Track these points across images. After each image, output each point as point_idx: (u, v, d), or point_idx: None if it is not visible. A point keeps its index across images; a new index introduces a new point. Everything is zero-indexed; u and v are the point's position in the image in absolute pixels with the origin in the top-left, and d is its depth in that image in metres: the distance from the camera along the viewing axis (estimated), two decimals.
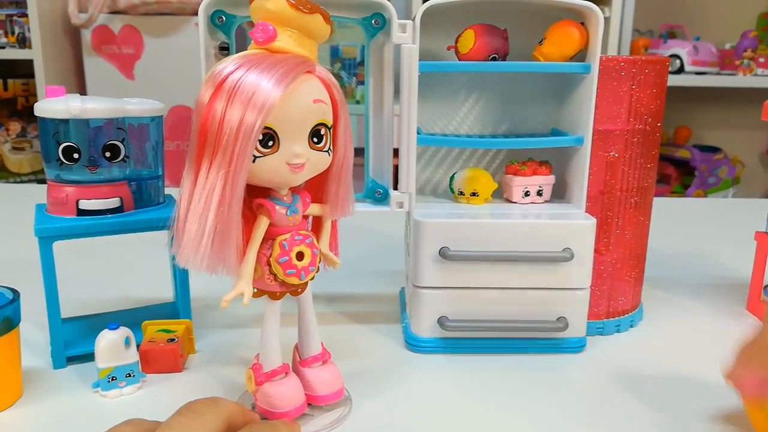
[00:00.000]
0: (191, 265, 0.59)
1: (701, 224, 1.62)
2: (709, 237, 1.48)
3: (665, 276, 1.17)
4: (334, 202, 0.67)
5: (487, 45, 0.83)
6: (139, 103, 0.80)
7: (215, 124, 0.56)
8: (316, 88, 0.61)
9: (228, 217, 0.57)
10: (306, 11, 0.59)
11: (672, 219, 1.57)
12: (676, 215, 1.65)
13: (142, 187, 0.82)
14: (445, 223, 0.81)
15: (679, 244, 1.38)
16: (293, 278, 0.64)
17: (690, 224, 1.60)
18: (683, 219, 1.64)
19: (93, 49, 2.55)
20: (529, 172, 0.89)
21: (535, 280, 0.82)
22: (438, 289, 0.83)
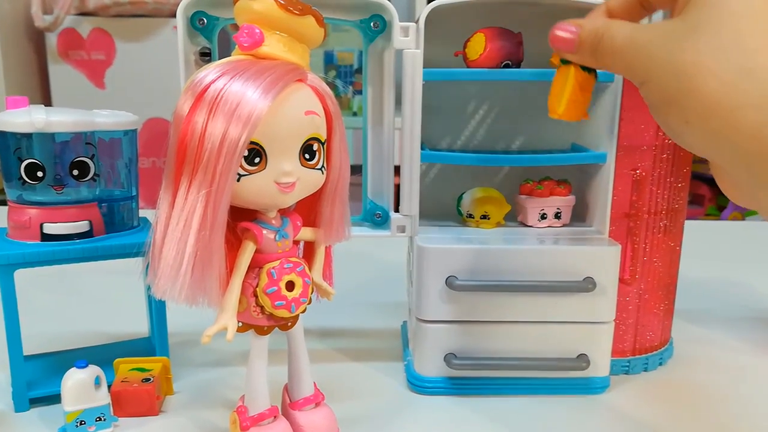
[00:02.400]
0: (169, 296, 0.58)
1: (738, 250, 1.62)
2: (748, 264, 1.48)
3: (698, 308, 1.17)
4: (328, 225, 0.68)
5: (499, 50, 0.83)
6: (110, 115, 0.81)
7: (195, 139, 0.56)
8: (307, 99, 0.61)
9: (210, 243, 0.57)
10: (297, 12, 0.59)
11: (706, 244, 1.57)
12: (710, 240, 1.65)
13: (114, 209, 0.83)
14: (453, 249, 0.81)
15: (714, 273, 1.38)
16: (282, 311, 0.64)
17: (726, 250, 1.60)
18: (718, 244, 1.64)
19: (59, 55, 2.56)
20: (546, 192, 0.89)
21: (553, 313, 0.82)
22: (444, 323, 0.83)
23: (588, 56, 0.60)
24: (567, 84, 0.65)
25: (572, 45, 0.61)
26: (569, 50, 0.62)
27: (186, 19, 0.78)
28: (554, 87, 0.67)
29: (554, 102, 0.67)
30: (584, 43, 0.60)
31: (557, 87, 0.67)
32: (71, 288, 1.22)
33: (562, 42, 0.62)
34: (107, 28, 2.53)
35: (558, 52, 0.64)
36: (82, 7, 2.50)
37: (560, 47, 0.62)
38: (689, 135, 0.51)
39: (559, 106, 0.66)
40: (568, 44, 0.61)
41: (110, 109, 0.83)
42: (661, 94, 0.53)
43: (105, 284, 1.18)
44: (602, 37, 0.57)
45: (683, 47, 0.50)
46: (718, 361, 0.96)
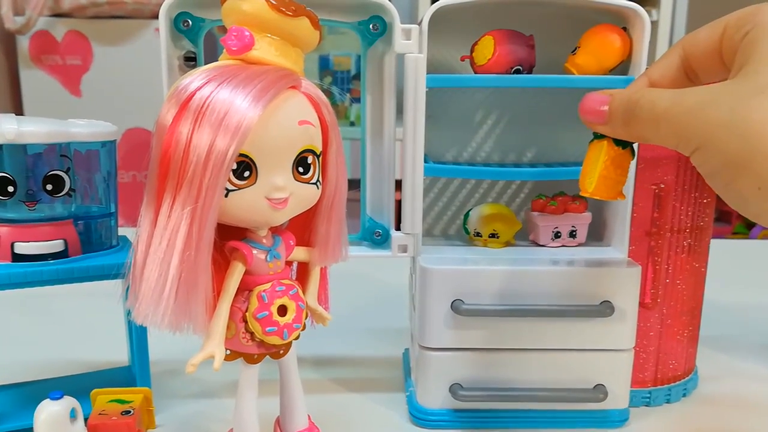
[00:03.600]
0: (150, 322, 0.58)
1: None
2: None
3: (726, 335, 1.17)
4: (324, 245, 0.68)
5: (509, 55, 0.83)
6: (87, 125, 0.81)
7: (180, 151, 0.56)
8: (301, 107, 0.61)
9: (195, 264, 0.57)
10: (290, 13, 0.59)
11: (733, 265, 1.56)
12: (738, 260, 1.65)
13: (91, 226, 0.83)
14: (459, 270, 0.81)
15: (743, 296, 1.38)
16: (274, 337, 0.64)
17: (756, 271, 1.60)
18: (747, 265, 1.64)
19: (31, 60, 2.57)
20: (560, 209, 0.89)
21: (568, 340, 0.82)
22: (450, 350, 0.83)
23: (620, 127, 0.60)
24: (599, 160, 0.65)
25: (603, 116, 0.62)
26: (600, 121, 0.62)
27: (169, 21, 0.78)
28: (586, 162, 0.68)
29: (585, 179, 0.67)
30: (616, 113, 0.60)
31: (589, 163, 0.67)
32: (44, 312, 1.22)
33: (591, 113, 0.62)
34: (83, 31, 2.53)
35: (590, 126, 0.65)
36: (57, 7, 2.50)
37: (590, 119, 0.63)
38: (762, 202, 0.51)
39: (590, 184, 0.66)
40: (598, 115, 0.62)
41: (87, 119, 0.83)
42: (723, 159, 0.52)
43: (81, 308, 1.18)
44: (637, 105, 0.58)
45: (751, 106, 0.50)
46: (747, 393, 0.96)
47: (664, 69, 0.63)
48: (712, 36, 0.61)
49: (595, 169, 0.66)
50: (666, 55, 0.64)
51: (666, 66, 0.64)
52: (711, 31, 0.61)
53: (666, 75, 0.63)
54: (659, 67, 0.64)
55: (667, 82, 0.63)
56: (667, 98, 0.56)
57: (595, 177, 0.65)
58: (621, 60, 0.83)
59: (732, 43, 0.58)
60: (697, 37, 0.62)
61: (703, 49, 0.61)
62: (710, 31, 0.61)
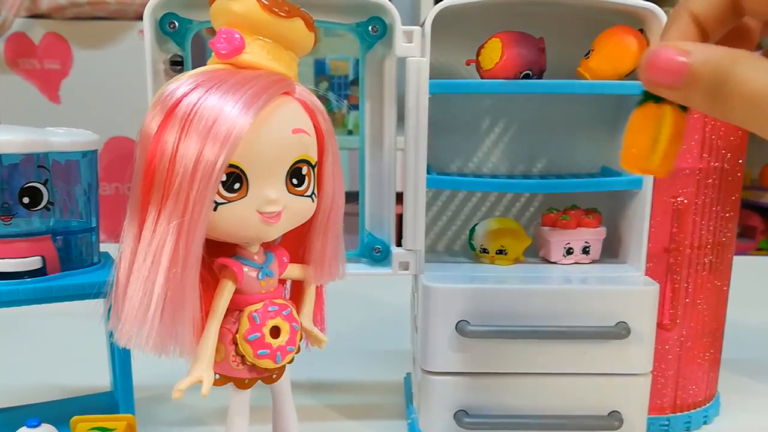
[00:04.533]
0: (134, 344, 0.58)
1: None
2: None
3: (749, 358, 1.17)
4: (320, 262, 0.68)
5: (517, 58, 0.83)
6: (66, 133, 0.81)
7: (165, 162, 0.56)
8: (295, 115, 0.61)
9: (182, 282, 0.57)
10: (283, 14, 0.59)
11: (758, 284, 1.57)
12: (763, 279, 1.65)
13: (71, 242, 0.83)
14: (464, 289, 0.81)
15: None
16: (266, 360, 0.64)
17: None
18: None
19: (6, 64, 2.56)
20: (573, 223, 0.89)
21: (581, 363, 0.82)
22: (454, 375, 0.83)
23: (701, 99, 0.51)
24: (663, 130, 0.57)
25: (680, 77, 0.51)
26: (674, 84, 0.51)
27: (154, 22, 0.78)
28: (637, 133, 0.58)
29: (641, 152, 0.58)
30: (699, 80, 0.50)
31: (643, 133, 0.58)
32: (21, 334, 1.22)
33: (665, 72, 0.51)
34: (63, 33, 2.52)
35: (653, 87, 0.54)
36: (34, 8, 2.49)
37: (661, 79, 0.52)
38: None
39: (652, 161, 0.57)
40: (674, 76, 0.51)
41: (66, 127, 0.83)
42: None
43: (60, 330, 1.18)
44: (729, 77, 0.48)
45: None
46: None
47: (713, 4, 0.54)
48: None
49: (660, 142, 0.56)
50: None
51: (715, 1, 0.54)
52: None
53: (713, 9, 0.54)
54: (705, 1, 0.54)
55: (715, 19, 0.54)
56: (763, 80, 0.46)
57: (659, 152, 0.57)
58: (637, 64, 0.83)
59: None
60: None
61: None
62: None
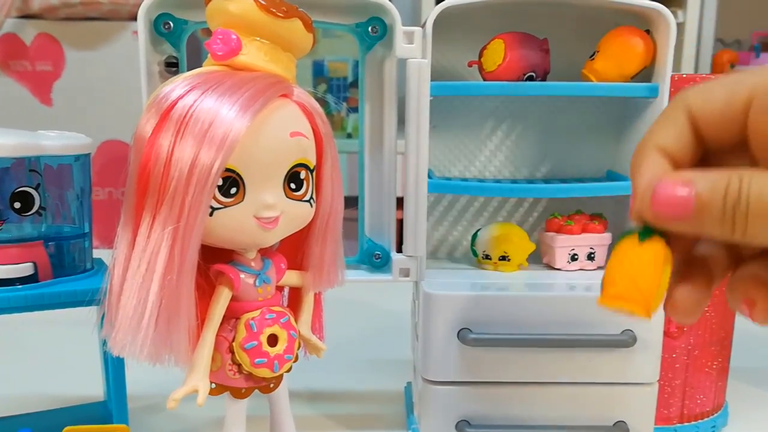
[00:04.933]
0: (128, 353, 0.58)
1: None
2: None
3: (758, 367, 1.17)
4: (318, 268, 0.68)
5: (521, 60, 0.83)
6: (58, 137, 0.81)
7: (160, 166, 0.56)
8: (293, 118, 0.61)
9: (177, 289, 0.57)
10: (281, 15, 0.59)
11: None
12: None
13: (63, 248, 0.83)
14: (466, 296, 0.81)
15: None
16: (263, 369, 0.64)
17: None
18: None
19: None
20: (577, 228, 0.89)
21: (586, 372, 0.82)
22: (456, 384, 0.83)
23: (717, 224, 0.48)
24: (665, 269, 0.53)
25: (689, 209, 0.49)
26: (684, 217, 0.49)
27: (149, 23, 0.78)
28: (642, 271, 0.53)
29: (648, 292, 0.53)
30: (711, 207, 0.48)
31: (650, 271, 0.53)
32: (12, 343, 1.22)
33: (672, 207, 0.49)
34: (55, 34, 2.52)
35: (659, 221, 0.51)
36: (25, 8, 2.48)
37: (669, 214, 0.50)
38: None
39: (657, 300, 0.53)
40: (682, 209, 0.49)
41: (58, 130, 0.83)
42: None
43: (52, 338, 1.18)
44: (740, 197, 0.46)
45: None
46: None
47: (677, 136, 0.53)
48: (731, 102, 0.51)
49: (662, 283, 0.53)
50: (669, 115, 0.55)
51: (677, 132, 0.53)
52: (730, 96, 0.52)
53: (681, 144, 0.53)
54: (668, 133, 0.54)
55: (684, 154, 0.53)
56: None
57: (660, 292, 0.53)
58: (644, 66, 0.83)
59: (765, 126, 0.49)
60: (711, 96, 0.53)
61: (718, 115, 0.52)
62: (728, 94, 0.52)
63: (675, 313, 0.55)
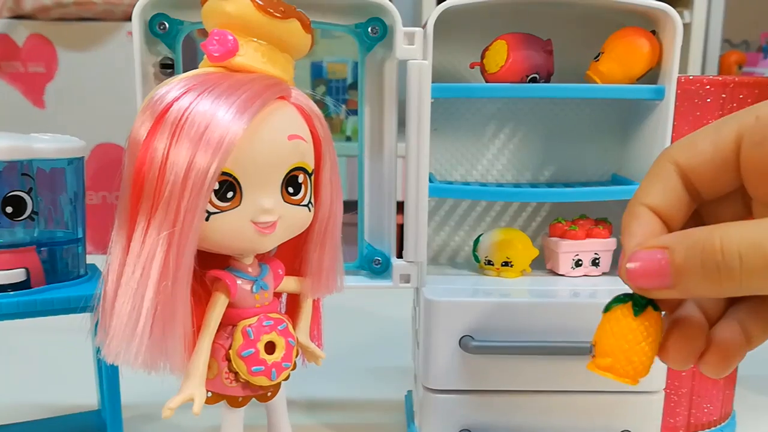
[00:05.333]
0: (123, 360, 0.58)
1: None
2: None
3: (767, 375, 1.17)
4: (317, 274, 0.68)
5: (524, 61, 0.83)
6: (51, 140, 0.81)
7: (155, 169, 0.56)
8: (291, 120, 0.61)
9: (172, 296, 0.57)
10: (278, 15, 0.59)
11: None
12: None
13: (56, 254, 0.83)
14: (468, 303, 0.81)
15: None
16: (261, 377, 0.64)
17: None
18: None
19: None
20: (582, 234, 0.89)
21: (590, 380, 0.81)
22: (458, 393, 0.83)
23: (701, 286, 0.48)
24: (656, 337, 0.54)
25: (668, 276, 0.49)
26: (665, 285, 0.50)
27: (144, 24, 0.78)
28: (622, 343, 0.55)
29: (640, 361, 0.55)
30: (688, 270, 0.48)
31: (643, 340, 0.54)
32: (4, 350, 1.22)
33: (650, 276, 0.50)
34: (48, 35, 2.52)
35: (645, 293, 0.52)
36: (17, 9, 2.48)
37: (648, 284, 0.51)
38: None
39: (648, 367, 0.55)
40: (662, 278, 0.49)
41: (51, 133, 0.83)
42: None
43: (45, 346, 1.18)
44: (722, 252, 0.46)
45: None
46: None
47: (666, 193, 0.54)
48: (720, 146, 0.53)
49: (651, 357, 0.54)
50: (657, 172, 0.56)
51: (666, 189, 0.55)
52: (717, 141, 0.53)
53: (670, 201, 0.54)
54: (656, 191, 0.55)
55: (675, 210, 0.55)
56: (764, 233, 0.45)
57: (649, 361, 0.54)
58: (649, 67, 0.83)
59: (760, 159, 0.50)
60: (696, 148, 0.54)
61: (708, 163, 0.53)
62: (715, 140, 0.53)
63: (670, 364, 0.55)
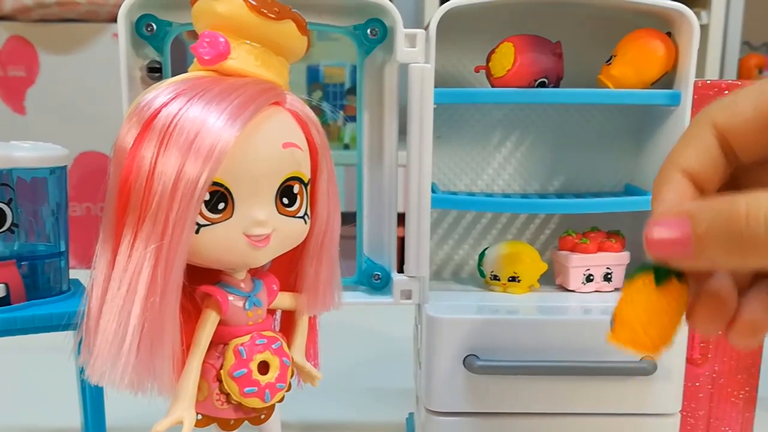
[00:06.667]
0: (108, 381, 0.58)
1: None
2: None
3: None
4: (313, 290, 0.68)
5: (532, 65, 0.83)
6: (32, 148, 0.81)
7: (142, 179, 0.56)
8: (286, 127, 0.61)
9: (160, 313, 0.57)
10: (272, 16, 0.59)
11: None
12: None
13: (38, 268, 0.83)
14: (473, 320, 0.81)
15: None
16: (254, 399, 0.63)
17: None
18: None
19: None
20: (593, 247, 0.89)
21: (603, 402, 0.82)
22: (462, 415, 0.83)
23: (723, 257, 0.48)
24: (678, 309, 0.54)
25: (688, 247, 0.48)
26: (688, 255, 0.49)
27: (130, 25, 0.78)
28: (642, 314, 0.54)
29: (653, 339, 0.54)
30: (710, 240, 0.47)
31: (665, 313, 0.53)
32: None
33: (670, 245, 0.49)
34: (28, 37, 2.51)
35: (666, 260, 0.51)
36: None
37: (668, 253, 0.50)
38: None
39: (666, 344, 0.54)
40: (680, 248, 0.49)
41: (32, 141, 0.83)
42: None
43: (26, 365, 1.18)
44: (748, 220, 0.45)
45: None
46: None
47: (700, 155, 0.53)
48: (761, 107, 0.52)
49: (673, 329, 0.54)
50: (693, 134, 0.55)
51: (701, 150, 0.54)
52: (757, 102, 0.52)
53: (705, 163, 0.53)
54: (692, 153, 0.54)
55: (710, 174, 0.53)
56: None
57: (675, 334, 0.54)
58: (665, 71, 0.83)
59: None
60: (736, 107, 0.53)
61: (749, 123, 0.52)
62: (757, 100, 0.52)
63: (697, 330, 0.55)
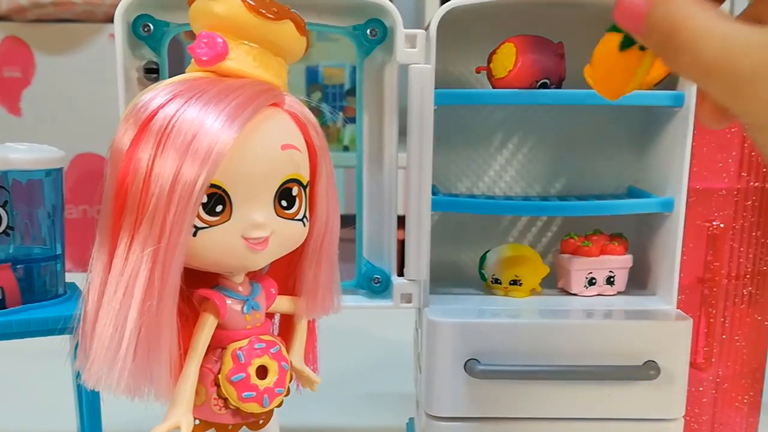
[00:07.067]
0: (104, 386, 0.58)
1: None
2: None
3: None
4: (312, 293, 0.68)
5: (533, 65, 0.83)
6: (28, 150, 0.81)
7: (139, 181, 0.56)
8: (285, 129, 0.61)
9: (157, 317, 0.57)
10: (271, 16, 0.59)
11: None
12: None
13: (33, 272, 0.83)
14: (473, 324, 0.81)
15: None
16: (252, 404, 0.63)
17: None
18: None
19: None
20: (596, 250, 0.89)
21: (605, 407, 0.82)
22: (462, 420, 0.83)
23: (656, 49, 0.54)
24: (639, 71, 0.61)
25: (639, 24, 0.54)
26: (637, 31, 0.55)
27: (127, 25, 0.78)
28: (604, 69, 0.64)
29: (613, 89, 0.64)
30: (652, 30, 0.52)
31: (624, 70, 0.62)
32: None
33: (628, 17, 0.55)
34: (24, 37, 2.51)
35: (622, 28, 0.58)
36: None
37: (626, 24, 0.56)
38: None
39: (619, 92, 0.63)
40: (633, 21, 0.54)
41: (28, 143, 0.83)
42: None
43: (21, 370, 1.18)
44: (678, 34, 0.49)
45: None
46: None
47: None
48: None
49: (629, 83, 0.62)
50: None
51: None
52: None
53: None
54: None
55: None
56: (714, 46, 0.47)
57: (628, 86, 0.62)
58: (668, 72, 0.83)
59: None
60: None
61: None
62: None
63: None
